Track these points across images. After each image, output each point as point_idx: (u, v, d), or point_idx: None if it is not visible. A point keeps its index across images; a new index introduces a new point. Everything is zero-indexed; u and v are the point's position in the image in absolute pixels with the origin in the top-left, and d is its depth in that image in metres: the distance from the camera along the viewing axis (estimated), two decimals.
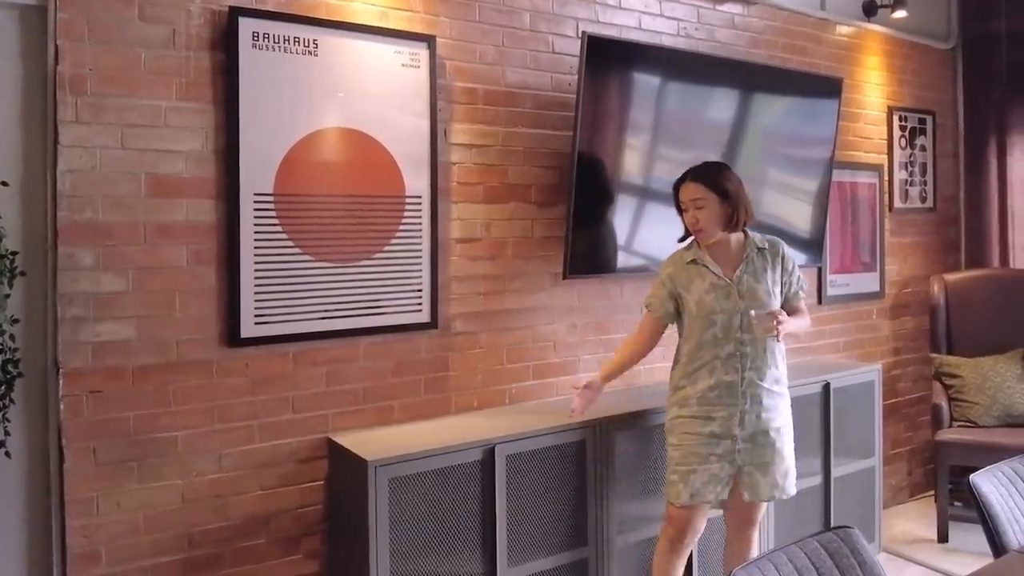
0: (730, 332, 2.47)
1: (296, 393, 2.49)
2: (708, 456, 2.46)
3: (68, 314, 2.17)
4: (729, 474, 2.48)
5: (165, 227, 2.29)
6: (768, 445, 2.49)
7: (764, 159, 3.40)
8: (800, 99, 3.48)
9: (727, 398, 2.47)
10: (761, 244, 2.58)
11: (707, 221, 2.49)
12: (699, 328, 2.50)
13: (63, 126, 2.16)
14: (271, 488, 2.46)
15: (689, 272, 2.54)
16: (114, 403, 2.23)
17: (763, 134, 3.36)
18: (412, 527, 2.35)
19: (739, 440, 2.47)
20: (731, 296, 2.48)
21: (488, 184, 2.85)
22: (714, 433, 2.46)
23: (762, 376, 2.49)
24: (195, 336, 2.33)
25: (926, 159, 4.36)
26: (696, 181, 2.51)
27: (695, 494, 2.47)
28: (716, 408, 2.47)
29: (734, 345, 2.47)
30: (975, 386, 3.85)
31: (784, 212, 3.52)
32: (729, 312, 2.47)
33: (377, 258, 2.61)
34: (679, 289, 2.55)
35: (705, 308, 2.49)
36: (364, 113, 2.56)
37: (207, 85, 2.34)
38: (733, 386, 2.46)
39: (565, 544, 2.63)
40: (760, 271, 2.54)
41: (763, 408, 2.49)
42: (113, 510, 2.24)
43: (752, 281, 2.51)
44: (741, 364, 2.47)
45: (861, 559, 1.64)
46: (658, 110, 3.05)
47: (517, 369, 2.95)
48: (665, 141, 3.07)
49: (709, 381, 2.47)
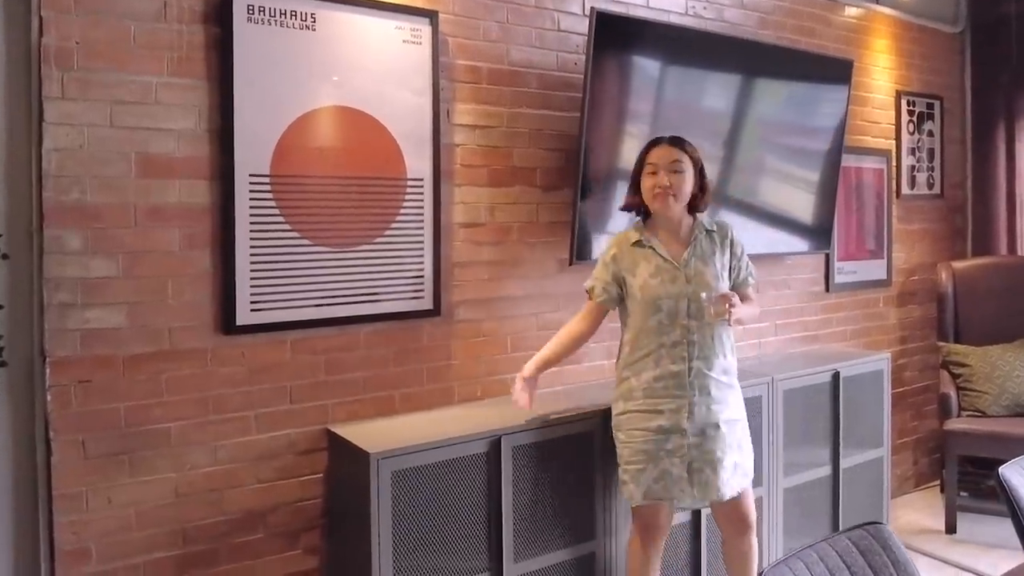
0: (676, 318, 2.33)
1: (294, 383, 2.40)
2: (658, 452, 2.33)
3: (55, 300, 2.07)
4: (680, 472, 2.33)
5: (157, 209, 2.18)
6: (719, 439, 2.35)
7: (770, 143, 3.32)
8: (810, 82, 3.39)
9: (674, 389, 2.33)
10: (710, 227, 2.46)
11: (679, 188, 2.35)
12: (643, 314, 2.36)
13: (48, 102, 2.05)
14: (268, 481, 2.36)
15: (634, 254, 2.40)
16: (104, 393, 2.13)
17: (771, 117, 3.28)
18: (415, 521, 2.26)
19: (688, 435, 2.33)
20: (677, 280, 2.35)
21: (492, 167, 2.75)
22: (662, 428, 2.33)
23: (710, 366, 2.35)
24: (188, 323, 2.23)
25: (933, 145, 4.29)
26: (676, 146, 2.39)
27: (648, 492, 2.34)
28: (663, 400, 2.33)
29: (680, 332, 2.33)
30: (984, 375, 3.79)
31: (790, 197, 3.44)
32: (675, 297, 2.34)
33: (378, 243, 2.51)
34: (623, 272, 2.41)
35: (650, 293, 2.35)
36: (364, 91, 2.46)
37: (200, 60, 2.23)
38: (680, 376, 2.33)
39: (572, 538, 2.55)
40: (708, 254, 2.41)
41: (712, 400, 2.36)
42: (103, 505, 2.14)
43: (700, 265, 2.38)
44: (688, 353, 2.33)
45: (894, 557, 1.56)
46: (667, 91, 2.96)
47: (521, 358, 2.83)
48: (672, 124, 2.97)
49: (654, 371, 2.34)
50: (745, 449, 2.45)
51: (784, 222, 3.45)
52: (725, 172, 3.17)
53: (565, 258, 2.88)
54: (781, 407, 3.09)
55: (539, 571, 2.48)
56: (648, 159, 2.40)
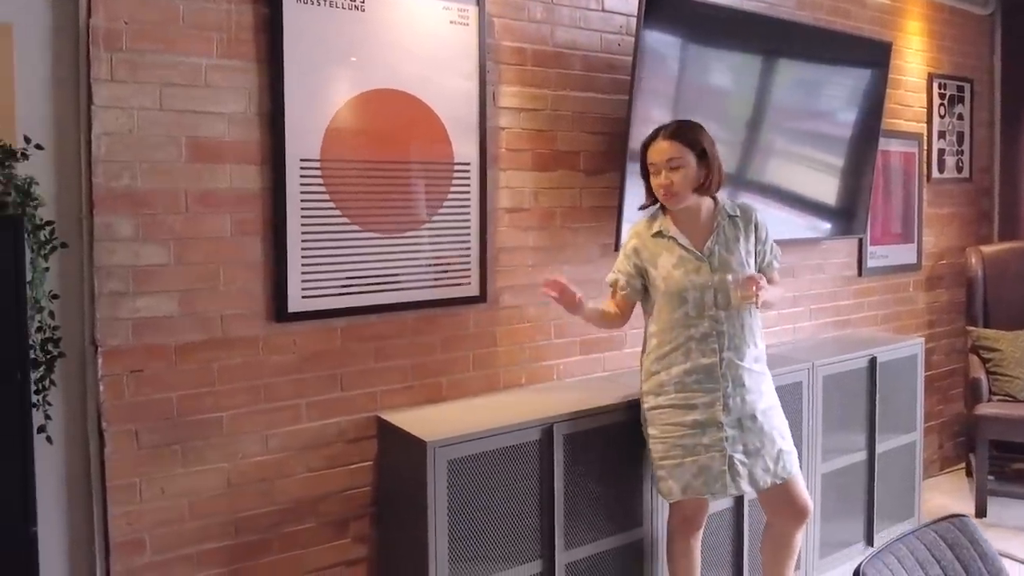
0: (703, 310, 2.28)
1: (343, 370, 2.37)
2: (695, 447, 2.29)
3: (106, 289, 2.02)
4: (721, 465, 2.29)
5: (207, 195, 2.14)
6: (755, 430, 2.32)
7: (810, 128, 3.28)
8: (850, 65, 3.35)
9: (707, 382, 2.28)
10: (732, 211, 2.38)
11: (681, 184, 2.27)
12: (669, 307, 2.31)
13: (97, 84, 1.99)
14: (318, 470, 2.34)
15: (656, 245, 2.35)
16: (156, 383, 2.10)
17: (812, 101, 3.24)
18: (469, 509, 2.24)
19: (726, 428, 2.29)
20: (702, 270, 2.30)
21: (537, 151, 2.71)
22: (697, 422, 2.29)
23: (742, 356, 2.31)
24: (240, 311, 2.19)
25: (963, 128, 4.26)
26: (672, 139, 2.29)
27: (687, 488, 2.30)
28: (696, 394, 2.29)
29: (709, 324, 2.28)
30: (1014, 360, 3.79)
31: (826, 182, 3.41)
32: (701, 288, 2.28)
33: (425, 228, 2.47)
34: (645, 264, 2.36)
35: (674, 284, 2.30)
36: (412, 74, 2.41)
37: (250, 42, 2.18)
38: (711, 369, 2.28)
39: (619, 525, 2.54)
40: (732, 241, 2.34)
41: (746, 390, 2.31)
42: (157, 496, 2.11)
43: (724, 253, 2.32)
44: (719, 344, 2.28)
45: (981, 551, 1.55)
46: (711, 73, 2.91)
47: (565, 344, 2.83)
48: (714, 106, 2.94)
49: (685, 365, 2.29)
50: (786, 435, 2.41)
51: (819, 207, 3.42)
52: (765, 158, 3.13)
53: (608, 243, 2.84)
54: (820, 393, 3.07)
55: (589, 558, 2.47)
56: (648, 159, 2.34)
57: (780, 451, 2.36)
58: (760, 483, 2.33)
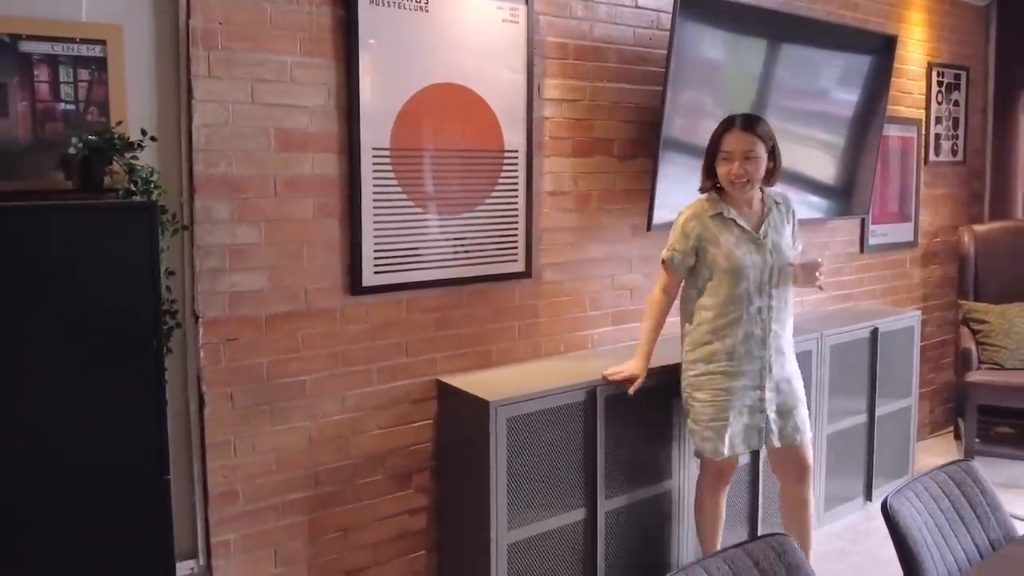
0: (761, 286, 2.52)
1: (409, 338, 2.62)
2: (740, 408, 2.55)
3: (205, 266, 2.26)
4: (760, 423, 2.57)
5: (293, 180, 2.37)
6: (790, 393, 2.60)
7: (823, 115, 3.53)
8: (858, 54, 3.59)
9: (756, 350, 2.53)
10: (777, 199, 2.64)
11: (754, 174, 2.48)
12: (730, 283, 2.50)
13: (196, 80, 2.21)
14: (387, 428, 2.60)
15: (716, 226, 2.53)
16: (249, 350, 2.34)
17: (824, 90, 3.49)
18: (524, 462, 2.51)
19: (767, 390, 2.56)
20: (760, 250, 2.52)
21: (576, 138, 2.95)
22: (745, 386, 2.54)
23: (783, 328, 2.59)
24: (321, 285, 2.43)
25: (958, 113, 4.53)
26: (749, 132, 2.48)
27: (733, 447, 2.56)
28: (745, 362, 2.53)
29: (763, 299, 2.53)
30: (1002, 331, 4.10)
31: (834, 165, 3.67)
32: (760, 266, 2.51)
33: (478, 210, 2.71)
34: (704, 243, 2.52)
35: (736, 262, 2.49)
36: (469, 68, 2.63)
37: (328, 40, 2.39)
38: (760, 339, 2.53)
39: (652, 478, 2.83)
40: (779, 225, 2.61)
41: (784, 358, 2.60)
42: (249, 451, 2.36)
43: (776, 236, 2.57)
44: (768, 317, 2.54)
45: (982, 488, 1.84)
46: (736, 66, 3.15)
47: (598, 316, 3.10)
48: (736, 96, 3.18)
49: (738, 336, 2.51)
50: (804, 402, 2.69)
51: (828, 189, 3.68)
52: (785, 143, 3.36)
53: (638, 223, 3.10)
54: (828, 360, 3.36)
55: (626, 507, 2.76)
56: (723, 146, 2.49)
57: (804, 415, 2.65)
58: (789, 440, 2.61)
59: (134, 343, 1.82)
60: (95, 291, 1.77)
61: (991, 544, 1.79)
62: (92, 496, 1.79)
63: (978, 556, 1.76)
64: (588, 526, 2.66)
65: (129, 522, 1.84)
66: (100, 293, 1.77)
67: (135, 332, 1.82)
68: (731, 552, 1.46)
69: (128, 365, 1.82)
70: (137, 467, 1.84)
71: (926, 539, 1.68)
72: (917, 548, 1.65)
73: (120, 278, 1.80)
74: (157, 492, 1.89)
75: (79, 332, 1.75)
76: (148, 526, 1.87)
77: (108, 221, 1.80)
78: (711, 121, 3.12)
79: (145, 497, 1.87)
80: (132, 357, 1.82)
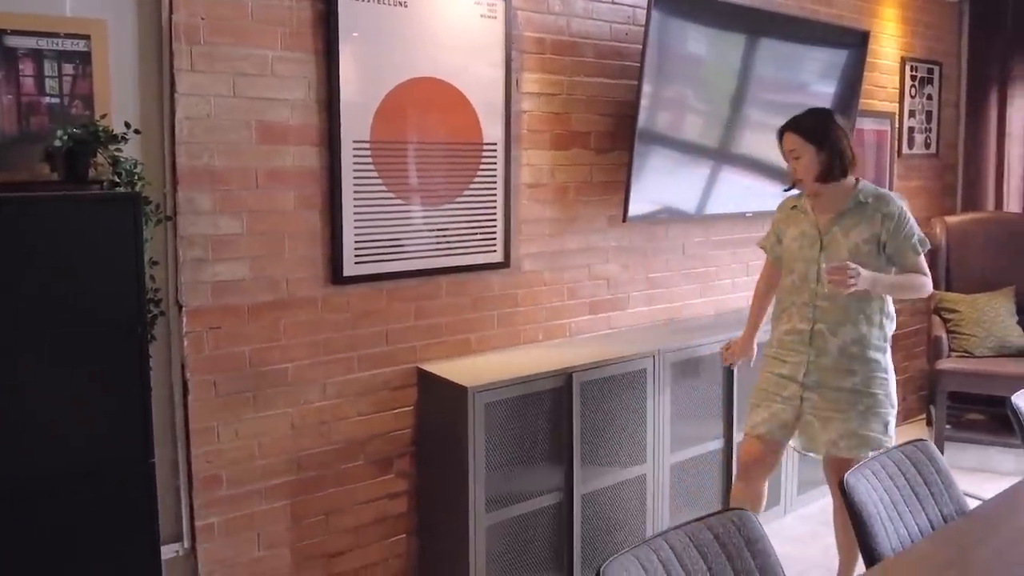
0: (806, 282, 2.50)
1: (389, 327, 2.68)
2: (775, 395, 2.57)
3: (189, 256, 2.31)
4: (791, 417, 2.53)
5: (274, 172, 2.42)
6: (833, 400, 2.47)
7: (798, 105, 3.59)
8: (833, 48, 3.67)
9: (798, 345, 2.52)
10: (865, 198, 2.47)
11: (803, 172, 2.48)
12: (784, 273, 2.59)
13: (179, 74, 2.25)
14: (368, 414, 2.66)
15: (789, 218, 2.61)
16: (231, 338, 2.39)
17: (797, 82, 3.56)
18: (502, 447, 2.58)
19: (804, 388, 2.51)
20: (815, 246, 2.49)
21: (554, 131, 3.01)
22: (783, 376, 2.55)
23: (835, 331, 2.46)
24: (303, 275, 2.49)
25: (932, 107, 4.62)
26: (791, 131, 2.50)
27: (755, 426, 2.60)
28: (789, 353, 2.54)
29: (808, 295, 2.49)
30: (972, 320, 4.20)
31: None
32: (807, 262, 2.50)
33: (458, 202, 2.77)
34: (780, 234, 2.64)
35: (790, 254, 2.56)
36: (448, 63, 2.69)
37: (309, 35, 2.44)
38: (804, 334, 2.50)
39: (627, 461, 2.90)
40: (853, 225, 2.45)
41: (832, 361, 2.46)
42: (232, 437, 2.42)
43: (840, 235, 2.46)
44: (813, 315, 2.49)
45: (938, 467, 1.92)
46: (709, 60, 3.22)
47: (576, 305, 3.17)
48: (709, 90, 3.25)
49: (787, 326, 2.56)
50: (870, 420, 2.47)
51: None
52: (755, 133, 3.45)
53: (615, 215, 3.17)
54: None
55: (601, 490, 2.83)
56: (782, 148, 2.55)
57: (855, 432, 2.46)
58: (819, 450, 2.52)
59: (119, 331, 1.87)
60: (80, 280, 1.82)
61: (944, 519, 1.88)
62: (78, 480, 1.84)
63: (931, 529, 1.84)
64: (564, 509, 2.74)
65: (115, 506, 1.90)
66: (85, 282, 1.82)
67: (120, 320, 1.87)
68: (692, 526, 1.53)
69: (113, 352, 1.87)
70: (122, 451, 1.90)
71: (880, 513, 1.76)
72: (871, 521, 1.73)
73: (105, 268, 1.85)
74: (142, 475, 1.94)
75: (65, 320, 1.80)
76: (133, 509, 1.93)
77: (93, 212, 1.85)
78: (690, 114, 3.23)
79: (130, 480, 1.93)
80: (117, 345, 1.87)
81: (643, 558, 1.41)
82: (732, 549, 1.52)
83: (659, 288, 3.43)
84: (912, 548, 1.74)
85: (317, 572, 2.60)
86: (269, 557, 2.51)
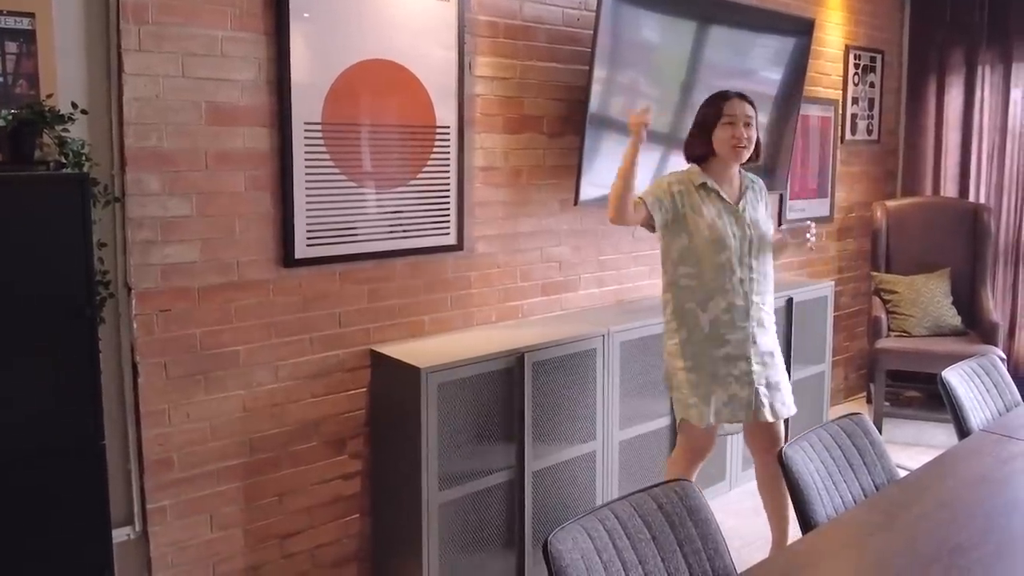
0: (742, 257, 2.59)
1: (342, 309, 2.69)
2: (726, 377, 2.59)
3: (138, 238, 2.29)
4: (748, 395, 2.59)
5: (224, 154, 2.40)
6: (775, 366, 2.66)
7: (747, 91, 3.68)
8: (778, 35, 3.76)
9: (739, 321, 2.58)
10: (753, 179, 2.75)
11: (752, 141, 2.60)
12: (712, 252, 2.57)
13: (127, 54, 2.22)
14: (321, 396, 2.68)
15: (700, 195, 2.61)
16: (182, 321, 2.38)
17: (741, 67, 3.64)
18: (455, 427, 2.63)
19: (753, 362, 2.60)
20: (741, 223, 2.60)
21: (507, 115, 3.04)
22: (729, 355, 2.58)
23: (764, 301, 2.64)
24: (253, 257, 2.49)
25: (874, 95, 4.76)
26: (746, 102, 2.61)
27: (718, 413, 2.59)
28: (729, 331, 2.58)
29: (744, 270, 2.59)
30: (909, 300, 4.36)
31: None
32: (740, 238, 2.59)
33: (411, 184, 2.79)
34: (686, 209, 2.58)
35: (718, 233, 2.58)
36: (400, 45, 2.69)
37: (259, 16, 2.43)
38: (743, 310, 2.58)
39: (577, 439, 2.97)
40: (755, 202, 2.69)
41: (766, 331, 2.65)
42: (183, 420, 2.42)
43: (752, 212, 2.65)
44: (750, 288, 2.59)
45: (872, 439, 2.02)
46: (659, 45, 3.27)
47: (528, 287, 3.21)
48: (661, 74, 3.31)
49: (722, 304, 2.58)
50: (787, 376, 2.72)
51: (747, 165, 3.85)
52: None
53: (566, 198, 3.21)
54: None
55: (552, 467, 2.90)
56: (726, 111, 2.58)
57: (789, 389, 2.70)
58: (779, 413, 2.64)
59: (68, 314, 1.85)
60: (27, 262, 1.80)
61: (876, 487, 1.98)
62: (27, 464, 1.83)
63: (863, 497, 1.94)
64: (516, 486, 2.79)
65: (65, 489, 1.89)
66: (32, 264, 1.80)
67: (68, 303, 1.85)
68: (637, 496, 1.60)
69: (62, 335, 1.86)
70: (72, 435, 1.89)
71: (816, 483, 1.85)
72: (807, 491, 1.81)
73: (52, 250, 1.83)
74: (92, 458, 1.94)
75: (12, 303, 1.78)
76: (84, 493, 1.92)
77: (39, 193, 1.83)
78: (642, 99, 3.27)
79: (81, 464, 1.92)
80: (66, 327, 1.86)
81: (589, 527, 1.47)
82: (675, 518, 1.59)
83: (609, 270, 3.50)
84: (844, 514, 1.84)
85: (271, 553, 2.62)
86: (222, 539, 2.51)
